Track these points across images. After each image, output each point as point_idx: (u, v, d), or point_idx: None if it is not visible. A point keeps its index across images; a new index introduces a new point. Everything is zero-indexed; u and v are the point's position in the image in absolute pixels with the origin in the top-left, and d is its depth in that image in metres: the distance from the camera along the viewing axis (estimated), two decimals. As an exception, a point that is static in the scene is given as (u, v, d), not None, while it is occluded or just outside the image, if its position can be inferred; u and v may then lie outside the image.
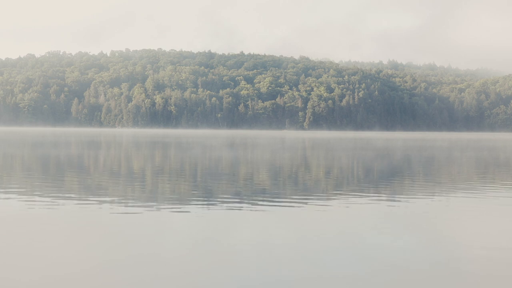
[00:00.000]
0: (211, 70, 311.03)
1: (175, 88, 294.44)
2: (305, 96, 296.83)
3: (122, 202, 15.96)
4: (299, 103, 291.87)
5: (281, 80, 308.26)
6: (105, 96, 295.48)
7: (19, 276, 8.32)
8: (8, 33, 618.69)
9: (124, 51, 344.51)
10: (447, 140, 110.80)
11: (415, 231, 12.34)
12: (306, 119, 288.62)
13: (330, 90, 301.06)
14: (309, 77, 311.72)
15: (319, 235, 11.57)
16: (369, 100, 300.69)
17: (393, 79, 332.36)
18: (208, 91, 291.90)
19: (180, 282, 8.12)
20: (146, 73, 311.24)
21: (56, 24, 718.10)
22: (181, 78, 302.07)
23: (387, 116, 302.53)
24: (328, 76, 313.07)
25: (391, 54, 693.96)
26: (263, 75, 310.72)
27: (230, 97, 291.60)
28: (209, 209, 14.79)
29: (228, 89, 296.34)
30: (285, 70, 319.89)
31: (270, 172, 27.76)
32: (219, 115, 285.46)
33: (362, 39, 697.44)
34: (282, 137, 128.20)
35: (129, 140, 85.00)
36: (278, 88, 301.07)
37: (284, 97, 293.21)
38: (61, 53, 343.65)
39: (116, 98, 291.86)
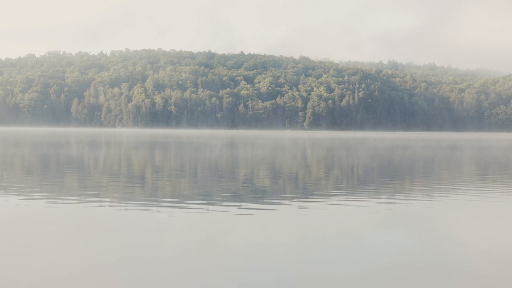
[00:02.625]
0: (211, 70, 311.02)
1: (175, 88, 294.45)
2: (305, 96, 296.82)
3: (121, 202, 15.95)
4: (299, 103, 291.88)
5: (281, 80, 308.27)
6: (105, 96, 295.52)
7: (19, 276, 8.32)
8: (8, 33, 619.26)
9: (124, 51, 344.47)
10: (446, 140, 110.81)
11: (416, 230, 12.33)
12: (306, 119, 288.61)
13: (330, 90, 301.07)
14: (309, 77, 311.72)
15: (319, 235, 11.57)
16: (369, 100, 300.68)
17: (393, 79, 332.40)
18: (208, 91, 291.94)
19: (180, 282, 8.11)
20: (146, 73, 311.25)
21: (56, 24, 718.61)
22: (181, 78, 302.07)
23: (387, 116, 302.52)
24: (328, 76, 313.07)
25: (391, 54, 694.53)
26: (263, 75, 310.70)
27: (230, 97, 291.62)
28: (209, 209, 14.78)
29: (228, 89, 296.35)
30: (285, 70, 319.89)
31: (270, 172, 27.75)
32: (219, 115, 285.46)
33: (362, 39, 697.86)
34: (285, 137, 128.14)
35: (129, 140, 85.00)
36: (278, 88, 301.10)
37: (284, 97, 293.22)
38: (61, 53, 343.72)
39: (116, 98, 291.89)
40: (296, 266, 9.03)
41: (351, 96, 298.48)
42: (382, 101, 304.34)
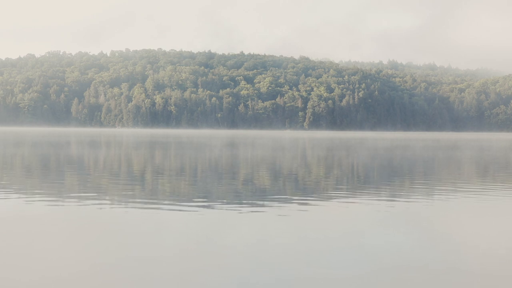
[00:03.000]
0: (211, 70, 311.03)
1: (175, 88, 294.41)
2: (305, 96, 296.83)
3: (121, 202, 15.94)
4: (299, 103, 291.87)
5: (281, 80, 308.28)
6: (105, 96, 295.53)
7: (19, 276, 8.31)
8: (8, 33, 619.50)
9: (124, 51, 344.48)
10: (446, 140, 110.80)
11: (416, 230, 12.33)
12: (306, 119, 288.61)
13: (330, 90, 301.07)
14: (309, 77, 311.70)
15: (319, 235, 11.56)
16: (369, 100, 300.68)
17: (393, 79, 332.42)
18: (208, 91, 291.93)
19: (180, 282, 8.11)
20: (146, 73, 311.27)
21: (56, 24, 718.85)
22: (181, 78, 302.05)
23: (387, 116, 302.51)
24: (328, 76, 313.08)
25: (391, 54, 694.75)
26: (263, 75, 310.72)
27: (230, 97, 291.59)
28: (209, 209, 14.77)
29: (228, 89, 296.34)
30: (285, 70, 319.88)
31: (270, 172, 27.74)
32: (219, 115, 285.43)
33: (362, 39, 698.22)
34: (285, 137, 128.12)
35: (129, 140, 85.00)
36: (278, 88, 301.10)
37: (284, 97, 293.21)
38: (61, 53, 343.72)
39: (116, 98, 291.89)
40: (296, 266, 9.02)
41: (351, 96, 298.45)
42: (382, 101, 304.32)
